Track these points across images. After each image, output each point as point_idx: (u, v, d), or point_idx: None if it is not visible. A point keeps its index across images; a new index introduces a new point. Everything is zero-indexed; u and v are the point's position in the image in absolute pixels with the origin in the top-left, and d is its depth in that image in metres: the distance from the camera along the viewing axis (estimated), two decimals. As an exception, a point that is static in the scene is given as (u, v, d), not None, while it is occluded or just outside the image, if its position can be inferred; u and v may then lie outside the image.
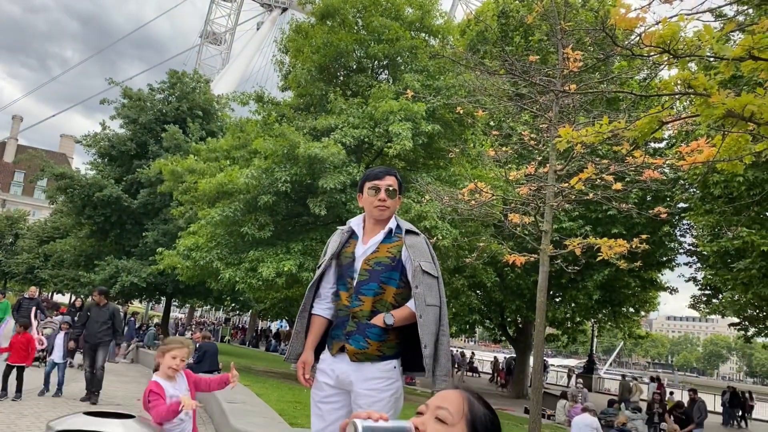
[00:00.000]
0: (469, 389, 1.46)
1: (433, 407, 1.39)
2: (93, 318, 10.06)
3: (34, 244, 37.66)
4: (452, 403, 1.39)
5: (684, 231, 23.82)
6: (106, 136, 23.61)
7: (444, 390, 1.43)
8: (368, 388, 3.01)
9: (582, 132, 5.61)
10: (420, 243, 3.21)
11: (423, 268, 3.10)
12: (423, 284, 3.08)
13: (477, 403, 1.42)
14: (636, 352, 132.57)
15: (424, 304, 3.06)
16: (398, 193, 3.26)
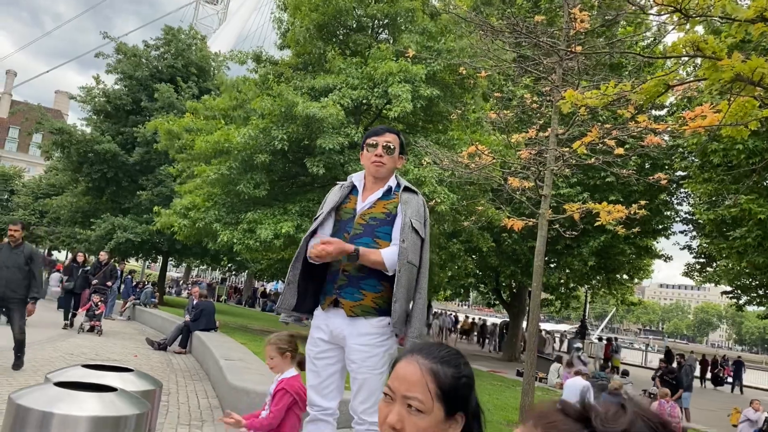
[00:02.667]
0: (424, 350, 1.37)
1: (401, 397, 1.32)
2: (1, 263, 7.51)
3: (30, 200, 37.50)
4: (417, 386, 1.32)
5: (681, 199, 23.87)
6: (102, 91, 23.28)
7: (402, 365, 1.35)
8: (361, 343, 3.03)
9: (587, 94, 5.53)
10: (415, 201, 3.19)
11: (413, 225, 3.09)
12: (409, 240, 3.06)
13: (440, 368, 1.35)
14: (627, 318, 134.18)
15: (405, 260, 3.04)
16: (399, 152, 3.23)
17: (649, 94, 4.85)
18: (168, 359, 10.71)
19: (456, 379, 1.34)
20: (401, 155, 3.25)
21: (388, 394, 1.33)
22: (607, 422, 0.86)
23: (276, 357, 3.80)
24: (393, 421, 1.28)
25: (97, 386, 2.89)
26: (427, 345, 1.39)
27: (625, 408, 0.88)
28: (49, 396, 2.59)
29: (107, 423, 2.57)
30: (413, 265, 3.09)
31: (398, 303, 3.02)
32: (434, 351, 1.36)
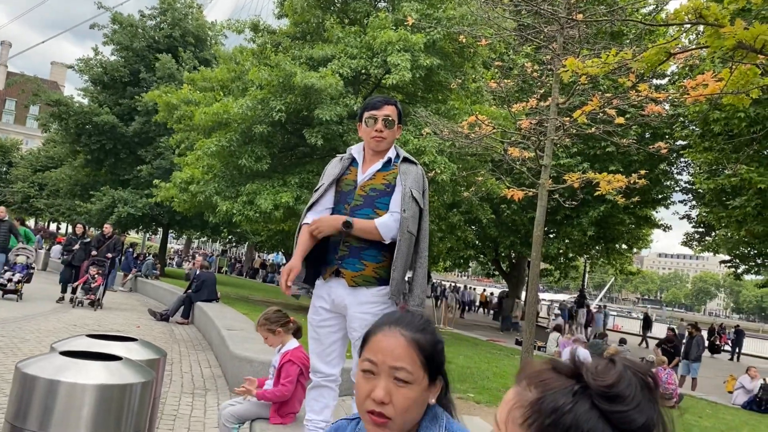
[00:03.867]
0: (401, 320, 1.37)
1: (387, 369, 1.31)
2: None
3: (28, 173, 37.41)
4: (404, 357, 1.32)
5: (681, 169, 23.85)
6: (99, 62, 23.04)
7: (383, 338, 1.33)
8: (362, 311, 3.06)
9: (588, 63, 5.49)
10: (414, 171, 3.20)
11: (413, 195, 3.10)
12: (410, 210, 3.08)
13: (421, 336, 1.35)
14: (626, 288, 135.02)
15: (406, 230, 3.06)
16: (397, 123, 3.22)
17: (650, 62, 4.81)
18: (170, 330, 10.82)
19: (434, 346, 1.36)
20: (399, 125, 3.24)
21: (369, 370, 1.31)
22: (598, 376, 0.89)
23: (269, 336, 3.90)
24: (381, 396, 1.27)
25: (102, 355, 2.93)
26: (402, 315, 1.39)
27: (614, 362, 0.91)
28: (56, 365, 2.63)
29: (113, 391, 2.61)
30: (412, 234, 3.12)
31: (396, 271, 3.05)
32: (411, 320, 1.37)
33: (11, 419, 2.55)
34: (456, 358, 9.79)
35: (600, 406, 0.86)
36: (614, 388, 0.87)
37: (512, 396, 0.94)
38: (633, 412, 0.86)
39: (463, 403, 6.15)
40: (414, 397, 1.29)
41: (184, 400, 6.01)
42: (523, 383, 0.94)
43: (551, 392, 0.89)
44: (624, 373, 0.89)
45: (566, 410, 0.87)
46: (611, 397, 0.87)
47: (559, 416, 0.87)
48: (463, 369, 8.56)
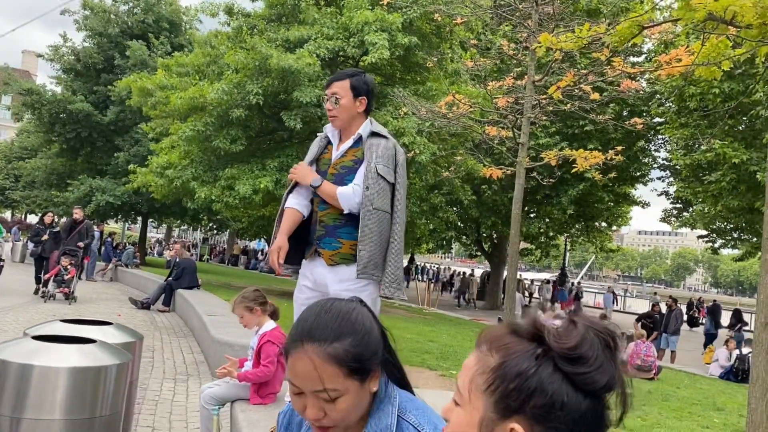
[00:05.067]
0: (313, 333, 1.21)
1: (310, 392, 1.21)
2: None
3: (2, 164, 36.75)
4: (322, 379, 1.19)
5: (658, 146, 24.09)
6: (71, 49, 22.59)
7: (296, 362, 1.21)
8: (342, 288, 3.05)
9: (561, 38, 5.49)
10: (382, 145, 3.14)
11: (378, 171, 3.06)
12: (375, 187, 3.04)
13: (338, 347, 1.20)
14: (607, 265, 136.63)
15: (371, 206, 3.03)
16: (354, 95, 3.11)
17: (623, 36, 4.82)
18: (152, 317, 10.75)
19: (359, 346, 1.22)
20: (359, 97, 3.12)
21: (296, 391, 1.23)
22: (560, 338, 0.89)
23: (245, 315, 3.84)
24: (313, 416, 1.21)
25: (76, 339, 2.90)
26: (314, 323, 1.23)
27: (576, 323, 0.91)
28: (28, 349, 2.60)
29: (88, 373, 2.59)
30: (382, 211, 3.07)
31: (363, 250, 3.03)
32: (323, 328, 1.21)
33: (-16, 405, 2.52)
34: (439, 337, 9.87)
35: (563, 368, 0.87)
36: (577, 350, 0.87)
37: (474, 362, 0.94)
38: (595, 372, 0.87)
39: (446, 380, 6.21)
40: (347, 405, 1.21)
41: (166, 385, 5.99)
42: (484, 348, 0.94)
43: (514, 356, 0.89)
44: (586, 334, 0.89)
45: (530, 374, 0.87)
46: (574, 358, 0.87)
47: (523, 380, 0.87)
48: (446, 347, 8.63)
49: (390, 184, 3.12)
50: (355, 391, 1.22)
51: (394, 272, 3.10)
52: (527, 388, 0.86)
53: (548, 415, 0.86)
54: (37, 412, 2.49)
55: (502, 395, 0.88)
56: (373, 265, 3.07)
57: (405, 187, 3.24)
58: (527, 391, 0.86)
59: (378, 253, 3.07)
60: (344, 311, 1.25)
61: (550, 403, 0.86)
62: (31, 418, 2.49)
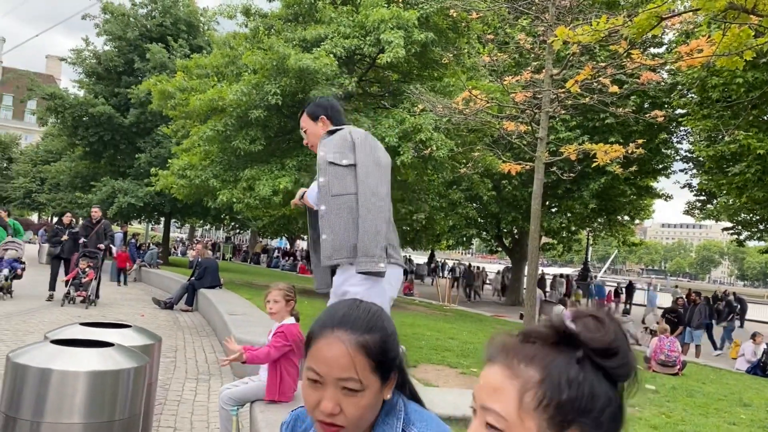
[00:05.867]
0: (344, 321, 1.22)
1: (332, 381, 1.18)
2: None
3: (29, 168, 37.38)
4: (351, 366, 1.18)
5: (681, 138, 23.72)
6: (93, 53, 22.92)
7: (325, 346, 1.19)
8: (353, 284, 3.08)
9: (578, 31, 5.43)
10: (333, 137, 3.29)
11: (328, 160, 3.18)
12: (329, 175, 3.16)
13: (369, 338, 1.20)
14: (630, 259, 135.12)
15: (329, 195, 3.13)
16: (314, 120, 3.43)
17: (641, 27, 4.75)
18: (175, 317, 10.86)
19: (385, 343, 1.22)
20: (317, 120, 3.43)
21: (315, 379, 1.19)
22: (597, 336, 0.86)
23: (281, 302, 3.87)
24: (330, 409, 1.17)
25: (95, 342, 2.93)
26: (346, 313, 1.24)
27: (600, 318, 0.88)
28: (47, 353, 2.63)
29: (106, 377, 2.61)
30: (344, 195, 3.12)
31: (326, 239, 3.12)
32: (356, 318, 1.22)
33: (5, 409, 2.55)
34: (459, 334, 9.82)
35: (604, 365, 0.86)
36: (614, 344, 0.86)
37: (502, 379, 0.87)
38: (629, 359, 0.87)
39: (465, 378, 6.18)
40: (366, 404, 1.19)
41: (188, 385, 6.04)
42: (513, 363, 0.87)
43: (555, 365, 0.85)
44: (615, 327, 0.88)
45: (581, 380, 0.84)
46: (612, 354, 0.86)
47: (576, 388, 0.84)
48: (467, 344, 8.58)
49: (347, 166, 3.17)
50: (376, 390, 1.21)
51: (364, 247, 3.04)
52: (582, 395, 0.84)
53: (600, 416, 0.85)
54: (56, 416, 2.51)
55: (557, 409, 0.84)
56: (346, 250, 3.09)
57: (372, 164, 3.19)
58: (582, 398, 0.84)
59: (346, 236, 3.10)
60: (373, 310, 1.27)
61: (602, 405, 0.85)
62: (51, 422, 2.51)
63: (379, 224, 3.08)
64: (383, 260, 3.05)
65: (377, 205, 3.08)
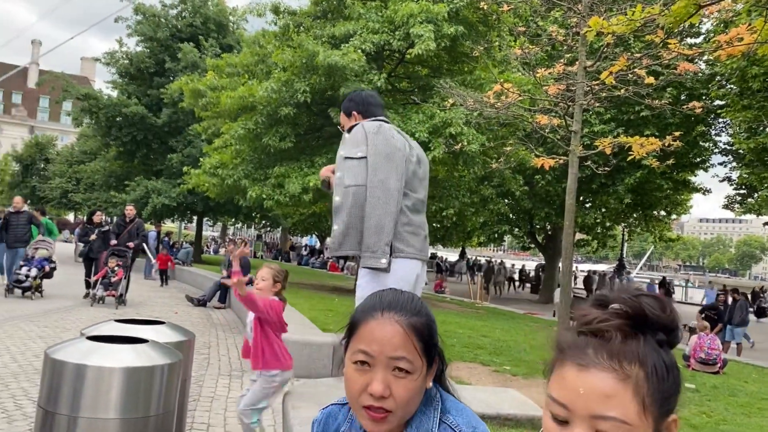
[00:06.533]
0: (394, 304, 1.24)
1: (385, 360, 1.18)
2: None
3: (65, 168, 38.20)
4: (403, 346, 1.18)
5: (719, 130, 23.11)
6: (125, 54, 23.33)
7: (377, 327, 1.20)
8: (361, 275, 3.18)
9: (613, 21, 5.29)
10: (352, 133, 3.33)
11: (343, 155, 3.25)
12: (342, 169, 3.24)
13: (417, 320, 1.22)
14: (666, 255, 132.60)
15: (342, 186, 3.19)
16: (347, 115, 3.50)
17: (678, 16, 4.60)
18: (208, 314, 10.98)
19: (430, 328, 1.26)
20: (349, 116, 3.47)
21: (364, 361, 1.20)
22: (665, 315, 0.88)
23: (268, 280, 3.88)
24: (380, 390, 1.17)
25: (130, 339, 2.94)
26: (394, 298, 1.27)
27: (657, 297, 0.90)
28: (83, 349, 2.65)
29: (140, 373, 2.62)
30: (355, 185, 3.16)
31: (336, 227, 3.17)
32: (405, 303, 1.26)
33: (43, 404, 2.58)
34: (492, 332, 9.72)
35: (672, 341, 0.88)
36: (676, 320, 0.89)
37: (618, 386, 0.83)
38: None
39: (498, 375, 6.10)
40: (415, 387, 1.21)
41: (221, 381, 6.08)
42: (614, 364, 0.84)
43: (648, 356, 0.85)
44: (667, 300, 0.91)
45: (670, 363, 0.87)
46: (676, 328, 0.89)
47: (672, 372, 0.86)
48: (499, 342, 8.49)
49: (360, 158, 3.18)
50: (422, 376, 1.22)
51: (367, 242, 3.08)
52: (675, 377, 0.87)
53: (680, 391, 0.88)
54: (93, 411, 2.53)
55: (664, 399, 0.85)
56: (351, 242, 3.11)
57: (381, 158, 3.16)
58: (676, 379, 0.87)
59: (353, 227, 3.12)
60: (416, 297, 1.30)
61: (680, 380, 0.88)
62: (88, 417, 2.53)
63: (383, 220, 3.07)
64: (385, 256, 3.06)
65: (383, 200, 3.09)
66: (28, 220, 11.92)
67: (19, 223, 11.73)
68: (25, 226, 11.79)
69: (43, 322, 8.61)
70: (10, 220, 11.80)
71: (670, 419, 0.87)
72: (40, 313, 9.33)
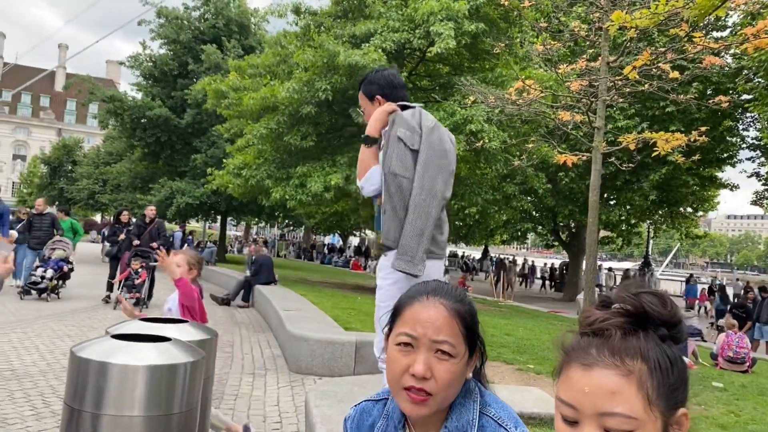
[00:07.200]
0: (438, 290, 1.29)
1: (428, 342, 1.22)
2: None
3: (91, 169, 38.79)
4: (446, 329, 1.23)
5: (747, 125, 22.69)
6: (149, 56, 23.63)
7: (421, 309, 1.24)
8: (380, 277, 3.10)
9: (636, 15, 5.22)
10: (407, 113, 3.10)
11: (398, 135, 2.99)
12: (393, 151, 2.98)
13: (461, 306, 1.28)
14: (693, 252, 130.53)
15: (387, 169, 2.98)
16: (371, 100, 3.26)
17: (703, 9, 4.52)
18: (232, 313, 11.07)
19: (473, 316, 1.29)
20: (374, 100, 3.24)
21: (407, 342, 1.23)
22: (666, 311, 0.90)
23: (183, 266, 3.84)
24: (422, 371, 1.19)
25: (153, 337, 2.98)
26: (438, 285, 1.31)
27: (657, 293, 0.92)
28: (107, 348, 2.68)
29: (163, 371, 2.64)
30: (400, 176, 2.97)
31: (388, 213, 3.00)
32: (449, 290, 1.29)
33: (69, 401, 2.62)
34: (516, 330, 9.66)
35: (675, 336, 0.90)
36: (678, 314, 0.91)
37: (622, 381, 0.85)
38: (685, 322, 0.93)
39: (522, 374, 6.06)
40: (456, 371, 1.23)
41: (245, 380, 6.12)
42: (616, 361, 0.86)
43: (650, 351, 0.87)
44: (668, 297, 0.92)
45: (674, 357, 0.88)
46: (678, 322, 0.90)
47: (676, 366, 0.88)
48: (523, 341, 8.43)
49: (412, 150, 3.00)
50: (463, 362, 1.25)
51: (409, 245, 2.94)
52: (680, 370, 0.88)
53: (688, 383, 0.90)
54: (116, 408, 2.56)
55: (670, 392, 0.86)
56: (392, 234, 2.99)
57: (434, 158, 3.06)
58: (681, 372, 0.88)
59: (392, 221, 2.98)
60: (459, 288, 1.35)
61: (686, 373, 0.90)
62: (112, 414, 2.56)
63: (426, 225, 2.98)
64: (423, 263, 2.95)
65: (428, 205, 2.98)
66: (51, 223, 11.86)
67: (42, 225, 11.69)
68: (48, 228, 11.72)
69: (70, 321, 8.76)
70: (33, 222, 11.78)
71: (680, 413, 0.87)
72: (68, 312, 9.50)
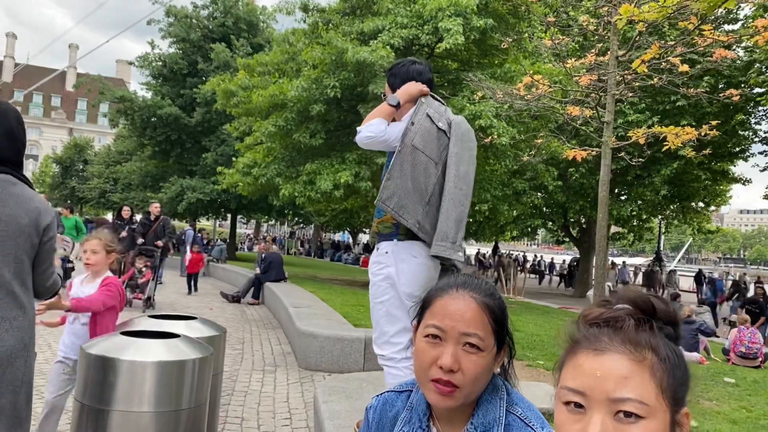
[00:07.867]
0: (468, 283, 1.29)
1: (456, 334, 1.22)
2: None
3: (102, 168, 39.07)
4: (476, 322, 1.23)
5: (759, 118, 22.46)
6: (158, 55, 23.75)
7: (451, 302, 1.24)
8: (370, 271, 3.11)
9: (644, 8, 5.18)
10: (436, 105, 3.12)
11: (428, 113, 3.01)
12: (420, 125, 2.98)
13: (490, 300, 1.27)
14: (705, 247, 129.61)
15: (410, 142, 2.95)
16: (392, 91, 3.24)
17: (712, 1, 4.48)
18: (242, 311, 11.12)
19: (503, 311, 1.28)
20: (394, 92, 3.22)
21: (436, 335, 1.23)
22: (670, 312, 0.93)
23: (100, 253, 3.50)
24: (449, 363, 1.19)
25: (162, 334, 3.00)
26: (467, 279, 1.30)
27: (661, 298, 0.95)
28: (117, 344, 2.71)
29: (172, 367, 2.67)
30: (424, 154, 2.94)
31: (389, 179, 2.93)
32: (478, 284, 1.29)
33: (80, 397, 2.65)
34: (525, 326, 9.64)
35: (676, 336, 0.93)
36: (677, 315, 0.94)
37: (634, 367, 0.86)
38: None
39: (532, 370, 6.05)
40: (484, 364, 1.23)
41: (254, 376, 6.15)
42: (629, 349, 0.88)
43: (659, 345, 0.89)
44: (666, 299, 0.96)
45: (681, 354, 0.90)
46: (678, 322, 0.94)
47: (682, 362, 0.90)
48: (533, 337, 8.41)
49: (439, 129, 3.01)
50: (491, 356, 1.24)
51: (449, 231, 2.91)
52: (685, 367, 0.90)
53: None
54: (126, 404, 2.58)
55: (678, 384, 0.88)
56: (397, 203, 2.91)
57: (470, 148, 3.08)
58: (686, 370, 0.90)
59: (405, 194, 2.92)
60: (490, 282, 1.34)
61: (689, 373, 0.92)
62: (122, 410, 2.58)
63: (464, 213, 3.00)
64: (461, 249, 2.98)
65: (465, 194, 3.00)
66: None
67: None
68: None
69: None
70: None
71: (683, 412, 0.88)
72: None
